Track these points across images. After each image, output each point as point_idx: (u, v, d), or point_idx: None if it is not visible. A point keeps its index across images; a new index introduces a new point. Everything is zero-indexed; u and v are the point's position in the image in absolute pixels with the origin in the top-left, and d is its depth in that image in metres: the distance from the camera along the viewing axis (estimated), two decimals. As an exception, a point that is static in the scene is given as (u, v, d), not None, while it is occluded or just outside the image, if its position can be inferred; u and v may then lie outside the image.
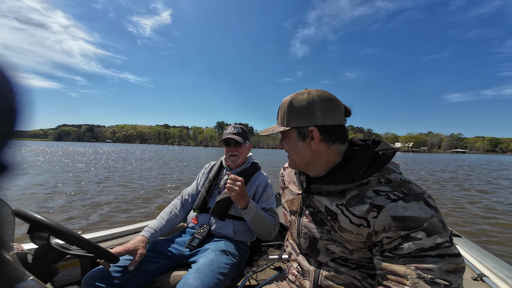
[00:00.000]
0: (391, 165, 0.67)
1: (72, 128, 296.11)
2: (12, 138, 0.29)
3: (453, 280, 0.50)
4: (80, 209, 4.67)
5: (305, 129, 0.69)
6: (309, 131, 0.68)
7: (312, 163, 0.72)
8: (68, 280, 1.23)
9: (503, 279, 1.04)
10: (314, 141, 0.68)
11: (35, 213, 0.75)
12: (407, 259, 0.53)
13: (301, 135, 0.70)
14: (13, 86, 0.28)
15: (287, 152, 0.77)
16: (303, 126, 0.69)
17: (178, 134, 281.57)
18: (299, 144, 0.71)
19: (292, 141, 0.73)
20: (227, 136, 1.42)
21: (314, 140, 0.68)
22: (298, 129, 0.70)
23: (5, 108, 0.28)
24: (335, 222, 0.67)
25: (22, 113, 0.29)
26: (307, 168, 0.75)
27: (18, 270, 0.44)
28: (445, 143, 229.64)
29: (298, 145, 0.72)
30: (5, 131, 0.29)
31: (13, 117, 0.29)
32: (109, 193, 6.23)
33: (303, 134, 0.70)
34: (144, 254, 1.09)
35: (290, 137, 0.73)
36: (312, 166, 0.73)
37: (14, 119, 0.29)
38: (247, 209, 1.18)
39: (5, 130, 0.29)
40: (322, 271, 0.73)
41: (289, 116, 0.70)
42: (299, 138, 0.71)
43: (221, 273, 1.01)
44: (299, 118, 0.68)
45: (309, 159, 0.72)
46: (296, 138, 0.71)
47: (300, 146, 0.71)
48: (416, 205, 0.55)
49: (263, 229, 1.25)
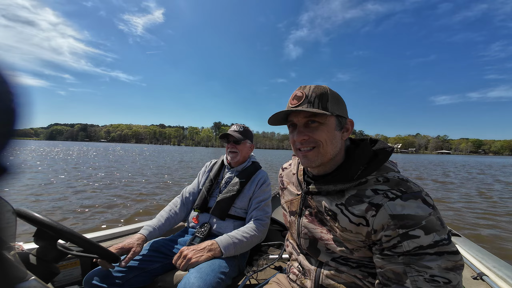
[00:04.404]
0: (389, 163, 0.67)
1: (65, 127, 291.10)
2: (12, 139, 0.29)
3: (452, 278, 0.51)
4: (121, 207, 4.71)
5: (344, 119, 0.69)
6: (347, 122, 0.69)
7: (335, 157, 0.70)
8: (68, 280, 1.22)
9: (503, 278, 1.04)
10: (347, 133, 0.69)
11: (37, 213, 0.74)
12: (406, 257, 0.53)
13: (340, 125, 0.69)
14: (11, 87, 0.28)
15: (313, 143, 0.68)
16: (343, 116, 0.68)
17: (174, 134, 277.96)
18: (337, 134, 0.68)
19: (331, 130, 0.67)
20: (226, 132, 1.44)
21: (348, 132, 0.69)
22: (339, 118, 0.68)
23: (4, 110, 0.28)
24: (334, 222, 0.67)
25: (21, 114, 0.29)
26: (329, 162, 0.71)
27: (19, 270, 0.44)
28: (431, 145, 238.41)
29: (336, 135, 0.68)
30: (4, 133, 0.28)
31: (12, 118, 0.28)
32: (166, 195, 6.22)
33: (341, 124, 0.69)
34: (139, 252, 1.08)
35: (330, 125, 0.67)
36: (332, 160, 0.71)
37: (13, 120, 0.28)
38: (225, 253, 1.11)
39: (5, 132, 0.28)
40: (323, 271, 0.73)
41: (331, 103, 0.66)
42: (337, 127, 0.68)
43: (223, 273, 1.01)
44: (340, 107, 0.68)
45: (338, 151, 0.70)
46: (335, 127, 0.68)
47: (337, 136, 0.68)
48: (414, 204, 0.55)
49: (250, 246, 1.23)
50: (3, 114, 0.27)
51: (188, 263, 1.03)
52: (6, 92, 0.27)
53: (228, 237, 1.16)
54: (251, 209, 1.33)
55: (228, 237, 1.16)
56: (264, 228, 1.27)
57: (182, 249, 1.09)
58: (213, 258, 1.08)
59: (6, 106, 0.27)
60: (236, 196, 1.34)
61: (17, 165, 0.30)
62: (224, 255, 1.11)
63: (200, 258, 1.04)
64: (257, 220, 1.27)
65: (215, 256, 1.09)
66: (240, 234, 1.19)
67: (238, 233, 1.19)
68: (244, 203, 1.34)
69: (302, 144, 0.69)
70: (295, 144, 0.72)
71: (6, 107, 0.28)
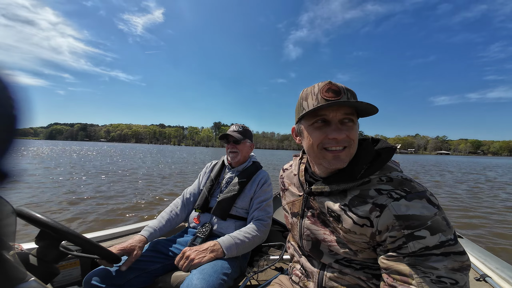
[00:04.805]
0: (391, 163, 0.66)
1: (64, 126, 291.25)
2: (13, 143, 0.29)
3: (459, 278, 0.50)
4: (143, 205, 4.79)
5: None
6: None
7: None
8: (68, 280, 1.21)
9: (506, 279, 1.04)
10: None
11: (38, 213, 0.73)
12: (412, 258, 0.52)
13: (358, 125, 0.68)
14: (11, 91, 0.27)
15: (346, 142, 0.64)
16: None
17: (174, 134, 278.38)
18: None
19: (356, 130, 0.65)
20: (226, 132, 1.43)
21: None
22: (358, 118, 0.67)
23: (4, 115, 0.27)
24: (338, 223, 0.66)
25: (21, 118, 0.29)
26: None
27: (19, 271, 0.43)
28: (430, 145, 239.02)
29: (356, 135, 0.66)
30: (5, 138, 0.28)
31: (12, 123, 0.28)
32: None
33: (358, 124, 0.68)
34: (140, 254, 1.08)
35: (356, 124, 0.66)
36: None
37: (14, 124, 0.28)
38: (227, 254, 1.11)
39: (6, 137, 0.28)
40: (326, 273, 0.71)
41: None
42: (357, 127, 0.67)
43: (225, 274, 1.01)
44: None
45: None
46: (357, 127, 0.67)
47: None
48: (419, 204, 0.54)
49: (252, 246, 1.22)
50: (4, 119, 0.27)
51: (190, 264, 1.02)
52: (6, 97, 0.27)
53: (230, 237, 1.15)
54: (252, 209, 1.32)
55: (230, 237, 1.15)
56: (265, 229, 1.27)
57: (184, 250, 1.08)
58: (216, 259, 1.07)
59: (7, 111, 0.27)
60: (237, 196, 1.33)
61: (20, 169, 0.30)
62: (227, 256, 1.10)
63: (202, 259, 1.03)
64: (259, 221, 1.27)
65: (217, 257, 1.08)
66: (242, 235, 1.18)
67: (240, 234, 1.18)
68: (245, 203, 1.34)
69: (338, 143, 0.63)
70: (322, 143, 0.65)
71: (7, 112, 0.27)
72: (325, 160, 0.66)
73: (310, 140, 0.67)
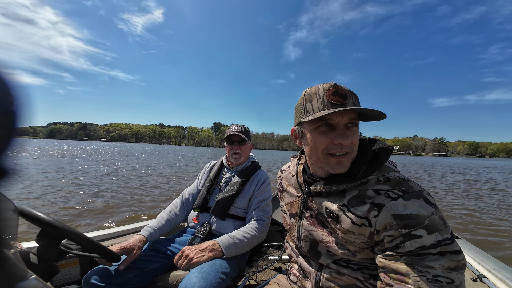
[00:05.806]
0: (388, 163, 0.67)
1: (64, 126, 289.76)
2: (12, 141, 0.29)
3: (455, 278, 0.50)
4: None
5: None
6: None
7: None
8: (67, 279, 1.21)
9: (503, 280, 1.04)
10: None
11: (39, 212, 0.73)
12: (408, 257, 0.53)
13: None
14: (10, 89, 0.28)
15: (349, 148, 0.64)
16: None
17: (174, 134, 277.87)
18: None
19: (358, 134, 0.66)
20: (231, 133, 1.42)
21: None
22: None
23: (4, 112, 0.27)
24: (336, 224, 0.67)
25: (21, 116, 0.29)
26: None
27: (20, 269, 0.43)
28: (429, 147, 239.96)
29: (358, 140, 0.67)
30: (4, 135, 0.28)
31: (12, 121, 0.28)
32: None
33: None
34: (138, 254, 1.08)
35: (358, 129, 0.66)
36: None
37: (13, 122, 0.28)
38: (226, 253, 1.11)
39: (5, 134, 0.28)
40: (323, 273, 0.72)
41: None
42: None
43: (224, 273, 1.01)
44: None
45: None
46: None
47: None
48: (416, 203, 0.55)
49: (250, 246, 1.23)
50: (3, 117, 0.27)
51: (189, 263, 1.03)
52: (6, 95, 0.27)
53: (229, 237, 1.16)
54: (251, 209, 1.32)
55: (229, 237, 1.16)
56: (264, 228, 1.27)
57: (183, 249, 1.09)
58: (214, 258, 1.07)
59: (6, 108, 0.27)
60: (236, 196, 1.34)
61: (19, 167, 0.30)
62: (225, 255, 1.11)
63: (201, 258, 1.04)
64: (258, 220, 1.27)
65: (216, 256, 1.08)
66: (241, 234, 1.18)
67: (239, 233, 1.19)
68: (244, 203, 1.34)
69: (342, 149, 0.63)
70: (327, 148, 0.64)
71: (6, 110, 0.27)
72: (328, 165, 0.66)
73: (314, 145, 0.66)
